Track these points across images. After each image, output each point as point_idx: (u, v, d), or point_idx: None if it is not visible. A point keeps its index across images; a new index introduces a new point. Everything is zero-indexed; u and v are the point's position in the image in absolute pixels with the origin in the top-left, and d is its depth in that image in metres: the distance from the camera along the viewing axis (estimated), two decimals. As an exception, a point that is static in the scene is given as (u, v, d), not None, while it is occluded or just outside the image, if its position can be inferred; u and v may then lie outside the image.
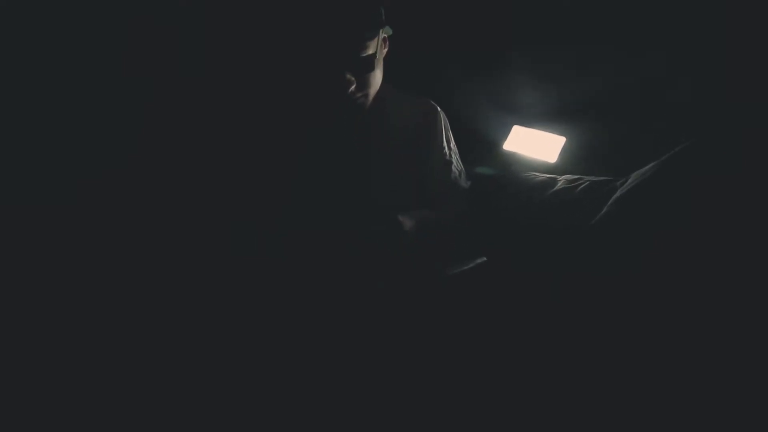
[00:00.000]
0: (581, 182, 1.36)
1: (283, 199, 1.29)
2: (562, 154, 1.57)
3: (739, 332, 0.85)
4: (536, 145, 1.62)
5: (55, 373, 1.05)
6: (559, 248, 1.15)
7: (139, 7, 1.60)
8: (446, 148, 1.39)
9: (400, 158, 1.33)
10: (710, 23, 1.37)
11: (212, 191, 1.38)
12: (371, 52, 1.21)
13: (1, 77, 1.52)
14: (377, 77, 1.28)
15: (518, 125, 1.67)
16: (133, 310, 1.14)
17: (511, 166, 1.61)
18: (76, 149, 1.52)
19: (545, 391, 0.94)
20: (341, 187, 1.30)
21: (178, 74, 1.63)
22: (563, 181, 1.41)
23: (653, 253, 0.95)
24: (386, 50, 1.29)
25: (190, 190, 1.43)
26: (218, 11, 1.66)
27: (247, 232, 1.24)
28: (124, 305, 1.15)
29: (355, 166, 1.31)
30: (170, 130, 1.56)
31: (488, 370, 0.99)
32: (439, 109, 1.40)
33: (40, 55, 1.54)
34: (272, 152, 1.31)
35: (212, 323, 1.07)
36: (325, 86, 1.25)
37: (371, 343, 1.03)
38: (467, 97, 1.72)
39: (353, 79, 1.21)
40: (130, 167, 1.50)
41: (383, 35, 1.25)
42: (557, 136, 1.60)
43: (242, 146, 1.37)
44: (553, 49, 1.63)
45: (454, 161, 1.40)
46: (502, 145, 1.67)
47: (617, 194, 1.14)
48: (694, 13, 1.39)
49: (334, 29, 1.17)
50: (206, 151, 1.47)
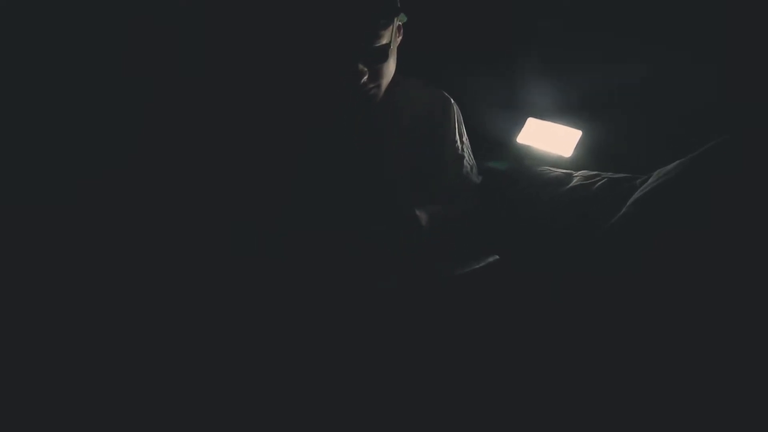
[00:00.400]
0: (599, 179, 1.30)
1: (283, 199, 1.28)
2: (577, 148, 1.51)
3: (750, 336, 0.84)
4: (551, 138, 1.55)
5: (55, 373, 1.05)
6: (572, 249, 1.10)
7: (139, 7, 1.60)
8: (458, 142, 1.36)
9: (410, 152, 1.31)
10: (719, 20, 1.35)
11: (212, 191, 1.37)
12: (385, 41, 1.16)
13: (1, 77, 1.52)
14: (390, 67, 1.23)
15: (533, 117, 1.61)
16: (133, 309, 1.14)
17: (524, 159, 1.56)
18: (76, 149, 1.52)
19: (545, 390, 0.93)
20: (341, 187, 1.30)
21: (178, 74, 1.63)
22: (580, 177, 1.36)
23: (670, 258, 0.91)
24: (400, 38, 1.24)
25: (190, 190, 1.42)
26: (218, 11, 1.66)
27: (247, 232, 1.24)
28: (124, 305, 1.15)
29: (355, 165, 1.31)
30: (170, 130, 1.56)
31: (488, 370, 0.99)
32: (452, 101, 1.37)
33: (40, 55, 1.54)
34: (272, 152, 1.31)
35: (212, 323, 1.07)
36: (335, 77, 1.21)
37: (371, 343, 1.02)
38: (481, 87, 1.68)
39: (366, 69, 1.17)
40: (130, 167, 1.50)
41: (398, 23, 1.20)
42: (573, 129, 1.53)
43: (242, 146, 1.36)
44: (570, 39, 1.59)
45: (465, 156, 1.37)
46: (515, 137, 1.61)
47: (637, 195, 1.08)
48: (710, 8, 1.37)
49: (345, 17, 1.12)
50: (206, 151, 1.47)
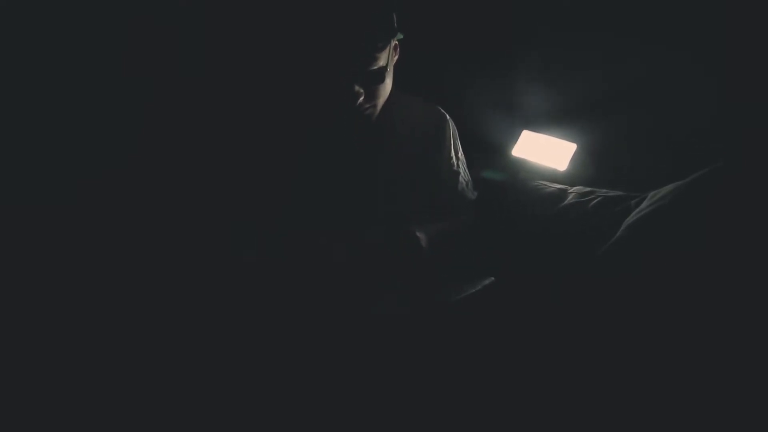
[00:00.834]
0: (593, 197, 1.29)
1: (283, 199, 1.28)
2: (572, 161, 1.51)
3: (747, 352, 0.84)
4: (546, 151, 1.55)
5: (55, 373, 1.05)
6: (567, 272, 1.09)
7: (139, 7, 1.60)
8: (454, 158, 1.36)
9: (406, 168, 1.31)
10: (716, 22, 1.35)
11: (212, 191, 1.37)
12: (382, 64, 1.16)
13: (1, 77, 1.52)
14: (387, 88, 1.23)
15: (528, 130, 1.61)
16: (133, 309, 1.14)
17: (519, 173, 1.55)
18: (76, 149, 1.52)
19: (544, 392, 0.94)
20: (342, 187, 1.30)
21: (178, 74, 1.63)
22: (574, 193, 1.35)
23: (663, 282, 0.91)
24: (396, 57, 1.24)
25: (190, 190, 1.42)
26: (218, 11, 1.66)
27: (247, 232, 1.24)
28: (124, 305, 1.15)
29: (355, 165, 1.31)
30: (170, 130, 1.56)
31: (487, 371, 0.99)
32: (448, 117, 1.37)
33: (40, 55, 1.54)
34: (272, 152, 1.31)
35: (212, 323, 1.07)
36: (330, 97, 1.22)
37: (371, 343, 1.02)
38: (476, 99, 1.68)
39: (362, 91, 1.17)
40: (130, 167, 1.50)
41: (394, 42, 1.20)
42: (568, 142, 1.53)
43: (242, 146, 1.36)
44: (565, 51, 1.59)
45: (461, 171, 1.37)
46: (510, 149, 1.60)
47: (631, 219, 1.07)
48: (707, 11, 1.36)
49: (341, 41, 1.12)
50: (206, 151, 1.47)
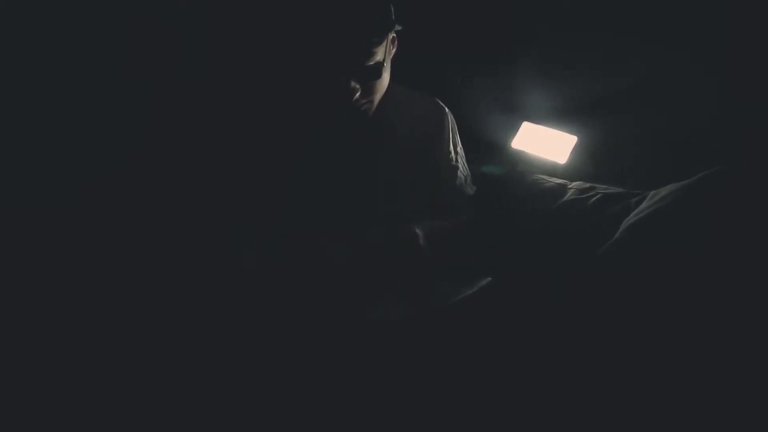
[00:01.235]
0: (593, 194, 1.28)
1: (283, 199, 1.28)
2: (572, 154, 1.50)
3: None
4: (546, 143, 1.53)
5: (55, 373, 1.05)
6: (566, 272, 1.09)
7: (139, 7, 1.60)
8: (452, 152, 1.35)
9: (406, 168, 1.31)
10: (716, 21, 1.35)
11: (212, 191, 1.37)
12: (379, 58, 1.14)
13: (1, 77, 1.52)
14: (384, 82, 1.22)
15: (528, 122, 1.59)
16: (133, 309, 1.14)
17: (518, 165, 1.54)
18: (76, 149, 1.52)
19: (545, 391, 0.94)
20: (342, 187, 1.30)
21: (178, 74, 1.63)
22: (574, 189, 1.34)
23: (662, 284, 0.90)
24: (395, 50, 1.22)
25: (190, 190, 1.42)
26: (218, 11, 1.66)
27: (247, 232, 1.24)
28: (124, 305, 1.15)
29: (355, 165, 1.31)
30: (170, 130, 1.56)
31: (487, 369, 0.99)
32: (447, 110, 1.36)
33: (40, 55, 1.54)
34: (272, 152, 1.31)
35: (212, 323, 1.07)
36: (327, 94, 1.20)
37: (371, 343, 1.03)
38: (476, 91, 1.67)
39: (358, 87, 1.15)
40: (130, 167, 1.50)
41: (391, 35, 1.18)
42: (569, 135, 1.51)
43: (242, 146, 1.36)
44: (568, 43, 1.58)
45: (459, 166, 1.36)
46: (510, 141, 1.59)
47: (631, 219, 1.06)
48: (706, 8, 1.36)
49: (337, 35, 1.10)
50: (206, 151, 1.47)
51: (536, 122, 1.58)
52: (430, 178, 1.33)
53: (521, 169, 1.53)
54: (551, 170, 1.50)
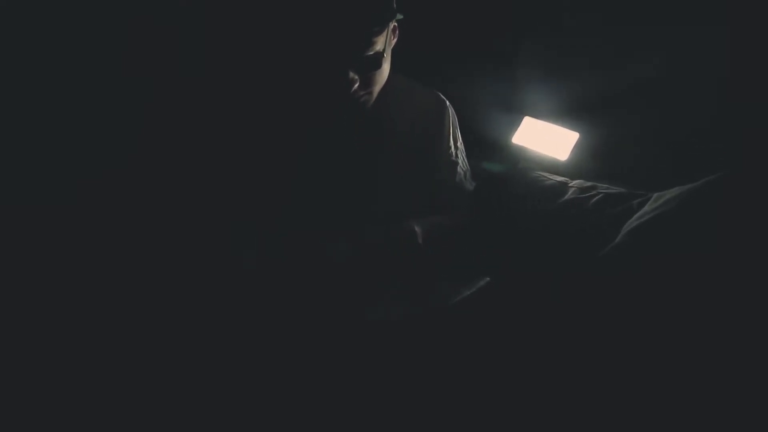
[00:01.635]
0: (594, 193, 1.27)
1: (283, 199, 1.28)
2: (574, 151, 1.47)
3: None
4: (547, 139, 1.51)
5: (55, 373, 1.05)
6: (565, 273, 1.07)
7: (139, 7, 1.60)
8: (452, 147, 1.35)
9: (404, 159, 1.30)
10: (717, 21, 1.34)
11: (212, 191, 1.37)
12: (379, 48, 1.12)
13: (1, 77, 1.52)
14: (384, 73, 1.19)
15: (530, 117, 1.56)
16: (133, 309, 1.14)
17: (518, 162, 1.52)
18: (76, 149, 1.52)
19: (545, 390, 0.93)
20: (342, 186, 1.30)
21: (178, 74, 1.63)
22: (575, 188, 1.33)
23: (663, 288, 0.89)
24: (395, 40, 1.20)
25: (190, 190, 1.42)
26: (218, 11, 1.66)
27: (247, 232, 1.24)
28: (124, 305, 1.15)
29: (355, 165, 1.30)
30: (170, 130, 1.56)
31: (487, 369, 0.99)
32: (447, 103, 1.35)
33: (40, 55, 1.54)
34: (272, 152, 1.31)
35: (212, 323, 1.07)
36: (326, 85, 1.19)
37: (372, 343, 1.03)
38: (478, 84, 1.65)
39: (357, 78, 1.13)
40: (130, 167, 1.50)
41: (392, 24, 1.16)
42: (571, 131, 1.49)
43: (242, 146, 1.36)
44: (569, 38, 1.57)
45: (459, 161, 1.36)
46: (510, 137, 1.56)
47: (633, 223, 1.04)
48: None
49: (336, 25, 1.09)
50: (206, 151, 1.47)
51: (538, 117, 1.56)
52: (430, 177, 1.33)
53: (522, 166, 1.52)
54: (552, 167, 1.48)
